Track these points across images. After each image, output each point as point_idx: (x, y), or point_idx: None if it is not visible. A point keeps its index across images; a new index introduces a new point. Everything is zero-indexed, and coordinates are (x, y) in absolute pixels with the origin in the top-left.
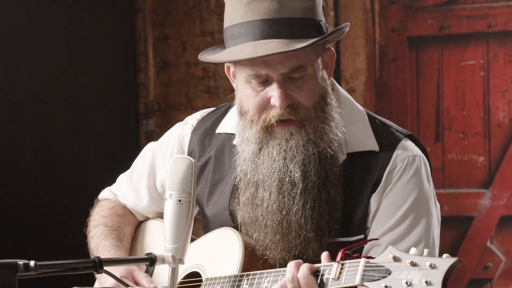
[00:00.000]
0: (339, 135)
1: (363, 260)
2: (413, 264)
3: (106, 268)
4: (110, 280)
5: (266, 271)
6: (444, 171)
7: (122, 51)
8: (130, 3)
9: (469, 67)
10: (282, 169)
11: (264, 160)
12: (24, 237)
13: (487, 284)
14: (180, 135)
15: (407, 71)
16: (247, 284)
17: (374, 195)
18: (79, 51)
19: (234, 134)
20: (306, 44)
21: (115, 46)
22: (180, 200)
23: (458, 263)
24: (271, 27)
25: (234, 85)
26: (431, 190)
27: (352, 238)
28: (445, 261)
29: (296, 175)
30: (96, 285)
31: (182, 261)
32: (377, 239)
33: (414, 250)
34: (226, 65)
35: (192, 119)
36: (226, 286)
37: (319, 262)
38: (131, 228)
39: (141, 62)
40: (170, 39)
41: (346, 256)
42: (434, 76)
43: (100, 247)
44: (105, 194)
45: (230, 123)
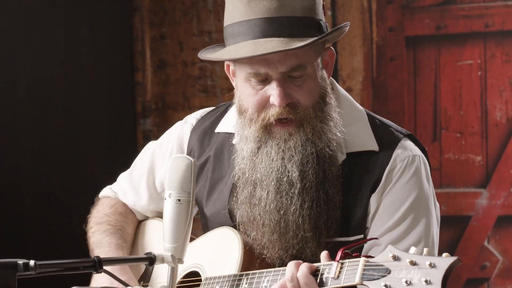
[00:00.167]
0: (338, 134)
1: (362, 259)
2: (412, 263)
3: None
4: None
5: (265, 270)
6: (441, 170)
7: (120, 51)
8: (127, 3)
9: (466, 66)
10: (280, 169)
11: (263, 159)
12: (23, 236)
13: (484, 284)
14: (179, 134)
15: (405, 70)
16: (246, 283)
17: (373, 195)
18: (76, 51)
19: (233, 134)
20: (305, 43)
21: (112, 45)
22: (179, 200)
23: (457, 262)
24: (271, 26)
25: (233, 83)
26: (430, 190)
27: (351, 238)
28: (444, 260)
29: (294, 175)
30: (92, 284)
31: (181, 260)
32: (376, 238)
33: (413, 249)
34: (225, 63)
35: (192, 119)
36: (225, 286)
37: (317, 261)
38: (133, 227)
39: (138, 62)
40: (167, 38)
41: (345, 255)
42: (432, 76)
43: (104, 242)
44: (105, 192)
45: (229, 122)
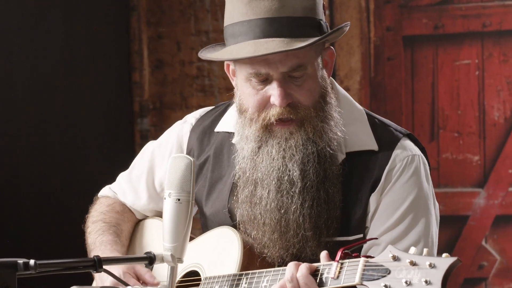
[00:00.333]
0: (339, 134)
1: (362, 259)
2: (412, 263)
3: (105, 267)
4: (109, 278)
5: (265, 270)
6: (439, 170)
7: (117, 50)
8: (124, 2)
9: (464, 66)
10: (281, 168)
11: (263, 159)
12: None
13: (482, 284)
14: (179, 134)
15: (402, 70)
16: (246, 283)
17: (373, 194)
18: (73, 50)
19: (233, 133)
20: (306, 44)
21: (109, 45)
22: (179, 199)
23: (457, 263)
24: (272, 26)
25: (233, 83)
26: (430, 190)
27: (351, 238)
28: (444, 260)
29: (295, 174)
30: (94, 284)
31: (181, 260)
32: (376, 239)
33: (413, 250)
34: (225, 63)
35: (191, 118)
36: (225, 285)
37: (317, 261)
38: (130, 225)
39: (135, 61)
40: (164, 38)
41: (345, 256)
42: (429, 76)
43: (97, 242)
44: (104, 191)
45: (229, 122)
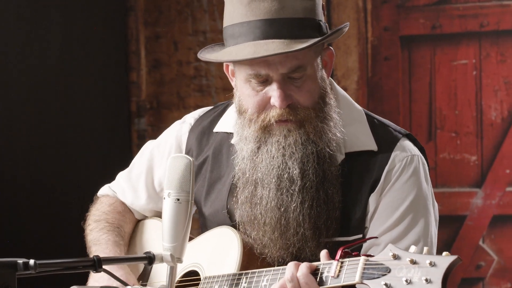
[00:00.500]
0: (338, 134)
1: (362, 258)
2: (413, 262)
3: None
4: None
5: (264, 269)
6: (437, 170)
7: (114, 50)
8: (122, 2)
9: (461, 66)
10: (281, 165)
11: (263, 158)
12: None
13: (479, 283)
14: (177, 134)
15: (399, 70)
16: (245, 282)
17: (372, 195)
18: (71, 50)
19: (232, 133)
20: (306, 45)
21: (107, 45)
22: (178, 199)
23: (458, 261)
24: (272, 27)
25: (232, 83)
26: (429, 190)
27: (350, 238)
28: (445, 259)
29: (295, 171)
30: (90, 283)
31: (180, 260)
32: (376, 237)
33: (414, 248)
34: (225, 63)
35: (190, 118)
36: (224, 285)
37: (317, 261)
38: (131, 226)
39: (133, 61)
40: (162, 38)
41: (345, 254)
42: (426, 76)
43: (102, 239)
44: (104, 190)
45: (228, 122)
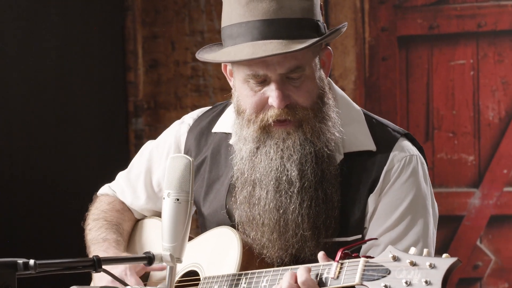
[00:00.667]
0: (336, 134)
1: (362, 259)
2: (412, 263)
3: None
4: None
5: (264, 270)
6: (434, 170)
7: (112, 50)
8: (119, 2)
9: (458, 66)
10: (279, 168)
11: (262, 159)
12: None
13: (477, 284)
14: (176, 134)
15: (397, 70)
16: (245, 283)
17: (371, 195)
18: (68, 50)
19: (231, 134)
20: (304, 46)
21: (104, 44)
22: (178, 199)
23: (458, 263)
24: (270, 28)
25: (231, 83)
26: (428, 190)
27: (349, 238)
28: (445, 261)
29: (293, 174)
30: (93, 283)
31: (180, 260)
32: (376, 239)
33: (413, 250)
34: (223, 63)
35: (189, 119)
36: (224, 285)
37: (316, 261)
38: (130, 224)
39: (130, 61)
40: (159, 38)
41: (345, 256)
42: (424, 76)
43: (100, 238)
44: (104, 190)
45: (226, 123)
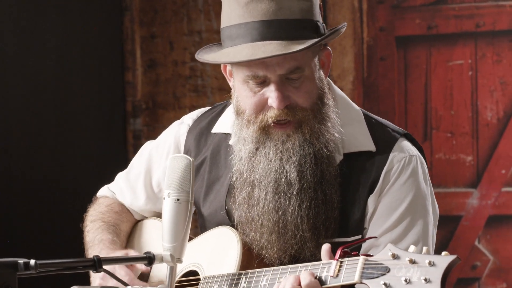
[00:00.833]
0: (336, 135)
1: (362, 257)
2: (412, 261)
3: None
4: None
5: (264, 269)
6: (432, 170)
7: (110, 50)
8: (117, 2)
9: (457, 66)
10: (279, 169)
11: (261, 160)
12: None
13: (475, 284)
14: (176, 135)
15: (395, 70)
16: (245, 282)
17: (371, 196)
18: (66, 50)
19: (230, 134)
20: (304, 47)
21: (102, 45)
22: (178, 199)
23: (457, 261)
24: (269, 29)
25: (230, 83)
26: (428, 190)
27: (349, 239)
28: (444, 258)
29: (292, 175)
30: (92, 283)
31: (180, 260)
32: (376, 237)
33: (413, 248)
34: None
35: (188, 119)
36: (224, 285)
37: (316, 261)
38: (128, 225)
39: (128, 61)
40: (157, 38)
41: (344, 254)
42: (422, 76)
43: (96, 240)
44: (103, 191)
45: (226, 123)
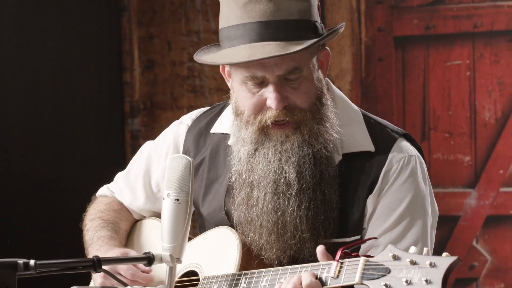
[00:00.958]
0: (335, 135)
1: (362, 258)
2: (413, 262)
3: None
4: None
5: (264, 270)
6: (430, 170)
7: (108, 50)
8: (115, 2)
9: (455, 67)
10: (277, 170)
11: (260, 161)
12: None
13: (473, 284)
14: (175, 135)
15: (393, 71)
16: (245, 282)
17: (370, 196)
18: (64, 50)
19: (229, 134)
20: (302, 47)
21: (100, 45)
22: (178, 199)
23: (458, 262)
24: (267, 30)
25: (229, 84)
26: (427, 190)
27: (348, 239)
28: (445, 259)
29: (291, 176)
30: (92, 284)
31: (180, 260)
32: (376, 238)
33: (413, 249)
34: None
35: (187, 119)
36: (224, 285)
37: (316, 261)
38: (127, 224)
39: (126, 61)
40: (155, 38)
41: (345, 255)
42: (420, 76)
43: (95, 237)
44: (102, 191)
45: (224, 123)
